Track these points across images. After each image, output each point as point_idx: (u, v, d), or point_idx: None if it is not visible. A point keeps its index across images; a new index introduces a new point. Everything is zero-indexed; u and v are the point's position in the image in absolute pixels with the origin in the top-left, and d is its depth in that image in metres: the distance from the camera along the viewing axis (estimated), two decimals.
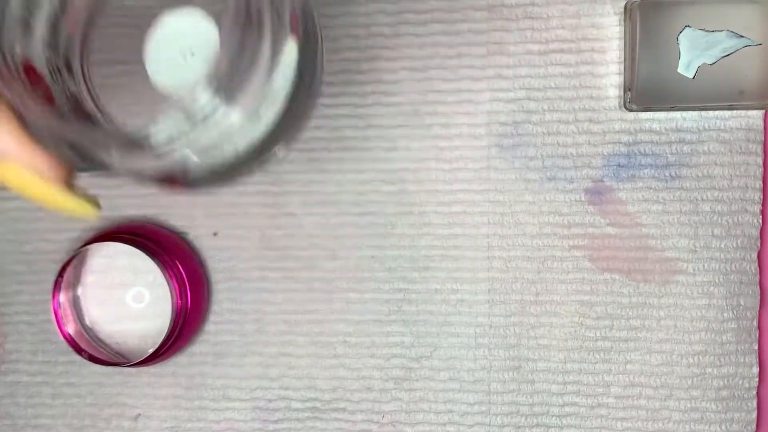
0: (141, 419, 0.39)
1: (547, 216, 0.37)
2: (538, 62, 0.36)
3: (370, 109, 0.37)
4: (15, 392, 0.40)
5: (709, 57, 0.34)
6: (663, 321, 0.37)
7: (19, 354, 0.40)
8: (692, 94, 0.34)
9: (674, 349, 0.37)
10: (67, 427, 0.39)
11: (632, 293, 0.37)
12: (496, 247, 0.37)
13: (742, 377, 0.36)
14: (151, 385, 0.39)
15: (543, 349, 0.37)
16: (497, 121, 0.37)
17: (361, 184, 0.38)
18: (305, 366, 0.38)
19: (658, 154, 0.36)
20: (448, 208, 0.37)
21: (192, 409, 0.39)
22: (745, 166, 0.36)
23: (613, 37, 0.36)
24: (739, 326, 0.36)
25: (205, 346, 0.39)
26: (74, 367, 0.39)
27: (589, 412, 0.37)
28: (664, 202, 0.36)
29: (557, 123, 0.36)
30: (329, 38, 0.37)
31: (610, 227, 0.37)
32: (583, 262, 0.37)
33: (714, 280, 0.36)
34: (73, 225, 0.39)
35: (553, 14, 0.36)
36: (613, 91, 0.36)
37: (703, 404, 0.37)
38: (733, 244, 0.36)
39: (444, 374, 0.38)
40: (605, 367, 0.37)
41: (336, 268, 0.38)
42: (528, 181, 0.37)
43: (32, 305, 0.39)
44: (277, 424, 0.39)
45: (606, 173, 0.37)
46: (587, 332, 0.37)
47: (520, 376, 0.37)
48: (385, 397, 0.38)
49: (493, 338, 0.37)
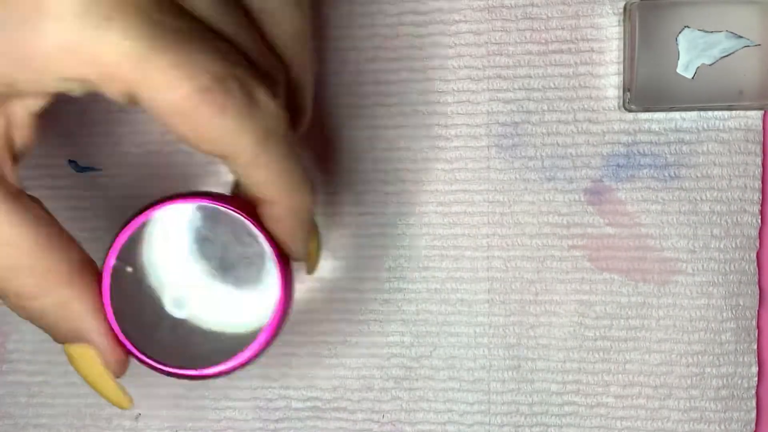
0: (142, 419, 0.39)
1: (547, 216, 0.37)
2: (538, 62, 0.36)
3: (370, 110, 0.37)
4: (16, 392, 0.40)
5: (708, 57, 0.34)
6: (662, 321, 0.37)
7: (20, 353, 0.40)
8: (691, 94, 0.34)
9: (673, 349, 0.37)
10: (67, 426, 0.40)
11: (631, 293, 0.37)
12: (495, 247, 0.37)
13: (741, 377, 0.36)
14: (152, 385, 0.39)
15: (542, 349, 0.37)
16: (497, 121, 0.37)
17: (361, 184, 0.38)
18: (305, 366, 0.38)
19: (657, 154, 0.36)
20: (448, 208, 0.37)
21: (192, 409, 0.39)
22: (744, 166, 0.36)
23: (612, 37, 0.36)
24: (738, 326, 0.36)
25: None
26: None
27: (589, 412, 0.37)
28: (663, 202, 0.36)
29: (556, 123, 0.37)
30: (330, 38, 0.37)
31: (609, 227, 0.37)
32: (582, 261, 0.37)
33: (713, 280, 0.36)
34: (72, 225, 0.39)
35: (552, 15, 0.36)
36: (612, 92, 0.36)
37: (702, 404, 0.37)
38: (732, 244, 0.36)
39: (444, 374, 0.38)
40: (604, 366, 0.37)
41: (336, 268, 0.38)
42: (527, 181, 0.37)
43: None
44: (278, 423, 0.39)
45: (605, 173, 0.37)
46: (586, 332, 0.37)
47: (520, 375, 0.37)
48: (385, 397, 0.38)
49: (492, 338, 0.38)
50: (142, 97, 0.22)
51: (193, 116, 0.23)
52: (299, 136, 0.30)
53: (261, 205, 0.27)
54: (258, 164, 0.25)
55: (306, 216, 0.28)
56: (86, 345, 0.27)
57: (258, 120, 0.24)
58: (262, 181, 0.26)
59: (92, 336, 0.26)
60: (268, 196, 0.26)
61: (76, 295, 0.26)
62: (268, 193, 0.26)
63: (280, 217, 0.27)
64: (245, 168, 0.25)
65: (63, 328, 0.26)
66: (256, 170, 0.25)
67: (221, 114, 0.23)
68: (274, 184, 0.26)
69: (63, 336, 0.27)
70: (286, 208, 0.27)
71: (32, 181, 0.38)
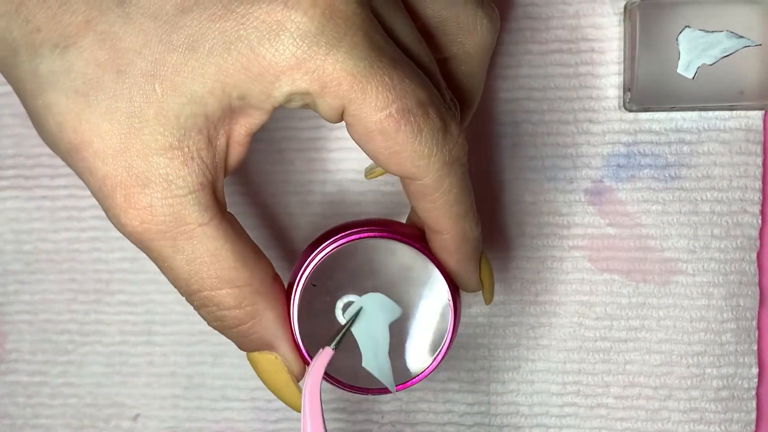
0: (140, 419, 0.39)
1: (547, 216, 0.37)
2: (538, 62, 0.36)
3: None
4: (14, 392, 0.40)
5: (708, 57, 0.34)
6: (662, 321, 0.37)
7: (19, 354, 0.39)
8: (692, 94, 0.34)
9: (673, 350, 0.37)
10: (66, 427, 0.39)
11: (632, 293, 0.37)
12: (495, 248, 0.37)
13: (741, 378, 0.36)
14: (151, 386, 0.39)
15: (542, 349, 0.37)
16: (497, 121, 0.37)
17: (360, 184, 0.38)
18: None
19: (657, 154, 0.36)
20: None
21: (191, 409, 0.39)
22: (744, 166, 0.36)
23: (612, 37, 0.36)
24: (739, 327, 0.36)
25: (204, 346, 0.39)
26: (73, 367, 0.39)
27: (589, 413, 0.37)
28: (664, 203, 0.36)
29: (557, 123, 0.37)
30: None
31: (609, 227, 0.37)
32: (582, 262, 0.37)
33: (713, 281, 0.36)
34: (72, 225, 0.39)
35: (552, 15, 0.36)
36: (612, 92, 0.36)
37: (702, 404, 0.37)
38: (733, 245, 0.36)
39: (443, 374, 0.38)
40: (605, 367, 0.37)
41: None
42: (528, 181, 0.37)
43: (31, 305, 0.39)
44: (277, 424, 0.39)
45: (605, 173, 0.37)
46: (587, 332, 0.37)
47: (520, 376, 0.37)
48: (384, 397, 0.38)
49: (492, 338, 0.37)
50: (352, 113, 0.25)
51: (394, 135, 0.25)
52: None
53: (433, 236, 0.29)
54: (440, 188, 0.27)
55: (476, 245, 0.29)
56: (273, 353, 0.29)
57: (447, 146, 0.26)
58: (440, 205, 0.27)
59: (279, 344, 0.29)
60: (441, 225, 0.28)
61: (269, 307, 0.28)
62: (442, 221, 0.28)
63: (451, 248, 0.29)
64: (427, 190, 0.27)
65: (254, 337, 0.28)
66: (437, 194, 0.27)
67: (418, 136, 0.25)
68: (450, 211, 0.27)
69: (253, 344, 0.28)
70: (458, 237, 0.28)
71: None
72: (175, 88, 0.24)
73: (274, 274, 0.28)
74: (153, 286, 0.39)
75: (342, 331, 0.29)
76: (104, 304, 0.39)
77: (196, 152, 0.25)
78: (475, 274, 0.30)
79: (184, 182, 0.25)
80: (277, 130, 0.38)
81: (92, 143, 0.25)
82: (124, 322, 0.39)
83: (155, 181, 0.25)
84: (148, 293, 0.39)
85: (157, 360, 0.39)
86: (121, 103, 0.25)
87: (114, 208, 0.25)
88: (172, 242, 0.26)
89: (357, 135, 0.25)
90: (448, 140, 0.26)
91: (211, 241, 0.26)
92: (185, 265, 0.26)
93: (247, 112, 0.25)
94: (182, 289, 0.27)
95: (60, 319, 0.39)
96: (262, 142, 0.38)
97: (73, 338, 0.39)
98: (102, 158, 0.25)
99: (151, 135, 0.25)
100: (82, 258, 0.39)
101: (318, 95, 0.24)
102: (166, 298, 0.39)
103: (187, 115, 0.25)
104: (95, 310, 0.39)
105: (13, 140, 0.39)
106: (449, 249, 0.29)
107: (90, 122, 0.25)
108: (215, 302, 0.27)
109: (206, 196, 0.26)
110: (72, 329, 0.39)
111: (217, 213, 0.26)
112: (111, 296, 0.39)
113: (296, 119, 0.38)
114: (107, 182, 0.25)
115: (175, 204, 0.25)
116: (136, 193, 0.25)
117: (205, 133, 0.25)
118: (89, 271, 0.39)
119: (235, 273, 0.26)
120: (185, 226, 0.26)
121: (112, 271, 0.39)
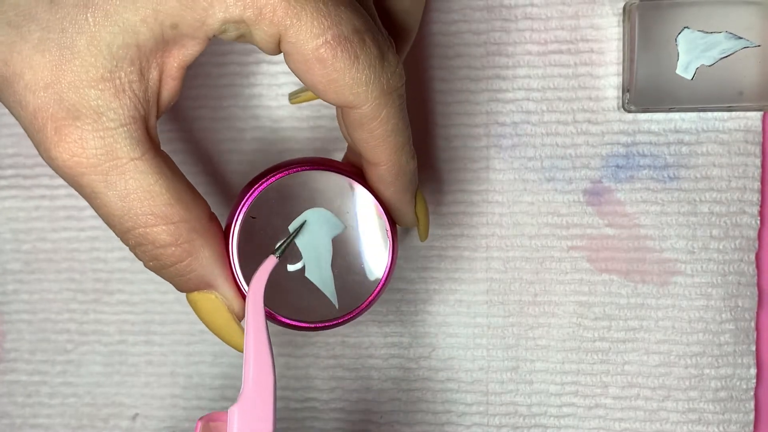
0: (139, 419, 0.39)
1: (546, 216, 0.37)
2: (537, 63, 0.36)
3: None
4: (13, 391, 0.40)
5: (707, 58, 0.34)
6: (661, 322, 0.37)
7: (18, 353, 0.40)
8: (691, 95, 0.34)
9: (672, 350, 0.37)
10: (64, 426, 0.39)
11: (630, 294, 0.37)
12: (494, 248, 0.37)
13: (739, 378, 0.36)
14: (150, 385, 0.39)
15: (541, 350, 0.37)
16: (496, 121, 0.37)
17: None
18: (303, 366, 0.38)
19: (656, 155, 0.36)
20: (447, 208, 0.37)
21: (190, 409, 0.39)
22: (743, 167, 0.36)
23: (611, 38, 0.36)
24: (737, 327, 0.36)
25: (203, 345, 0.39)
26: (72, 366, 0.39)
27: (587, 413, 0.37)
28: (663, 203, 0.36)
29: (556, 124, 0.37)
30: None
31: (608, 228, 0.37)
32: (581, 262, 0.37)
33: (712, 281, 0.36)
34: (71, 224, 0.39)
35: (552, 15, 0.36)
36: (611, 92, 0.36)
37: (700, 405, 0.37)
38: (732, 245, 0.36)
39: (442, 374, 0.38)
40: (603, 367, 0.37)
41: None
42: (526, 181, 0.37)
43: (30, 304, 0.39)
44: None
45: (604, 174, 0.37)
46: (585, 333, 0.37)
47: (518, 376, 0.37)
48: (383, 397, 0.38)
49: (491, 339, 0.37)
50: (288, 40, 0.25)
51: (331, 62, 0.25)
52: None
53: (370, 168, 0.29)
54: (378, 117, 0.27)
55: (411, 179, 0.30)
56: (212, 292, 0.28)
57: (385, 75, 0.26)
58: (377, 135, 0.27)
59: (218, 282, 0.28)
60: (378, 156, 0.28)
61: (207, 244, 0.27)
62: (379, 152, 0.28)
63: (387, 179, 0.29)
64: (365, 119, 0.27)
65: (191, 276, 0.28)
66: (375, 123, 0.27)
67: (356, 63, 0.25)
68: (387, 141, 0.28)
69: (191, 284, 0.28)
70: (394, 168, 0.29)
71: None
72: (108, 16, 0.24)
73: (210, 213, 0.28)
74: (152, 285, 0.39)
75: (287, 241, 0.29)
76: (103, 304, 0.39)
77: (128, 84, 0.25)
78: (411, 207, 0.31)
79: (116, 114, 0.25)
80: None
81: (23, 75, 0.25)
82: (123, 321, 0.39)
83: (86, 114, 0.25)
84: (147, 293, 0.39)
85: (156, 359, 0.39)
86: (53, 34, 0.24)
87: (45, 141, 0.25)
88: (103, 177, 0.25)
89: (295, 64, 0.26)
90: (386, 68, 0.26)
91: (144, 176, 0.26)
92: (118, 201, 0.26)
93: (181, 42, 0.25)
94: (116, 228, 0.27)
95: (59, 318, 0.39)
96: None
97: (72, 338, 0.39)
98: (33, 90, 0.25)
99: (83, 66, 0.25)
100: (81, 257, 0.39)
101: (253, 23, 0.24)
102: (165, 298, 0.39)
103: (119, 44, 0.24)
104: (94, 310, 0.39)
105: (12, 140, 0.39)
106: (386, 180, 0.29)
107: (21, 54, 0.25)
108: (150, 239, 0.26)
109: (138, 130, 0.25)
110: (71, 329, 0.39)
111: (150, 148, 0.26)
112: (110, 296, 0.39)
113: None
114: (38, 115, 0.25)
115: (106, 137, 0.25)
116: (66, 125, 0.25)
117: (138, 65, 0.25)
118: (88, 271, 0.39)
119: (170, 209, 0.26)
120: (117, 160, 0.25)
121: (111, 271, 0.39)
